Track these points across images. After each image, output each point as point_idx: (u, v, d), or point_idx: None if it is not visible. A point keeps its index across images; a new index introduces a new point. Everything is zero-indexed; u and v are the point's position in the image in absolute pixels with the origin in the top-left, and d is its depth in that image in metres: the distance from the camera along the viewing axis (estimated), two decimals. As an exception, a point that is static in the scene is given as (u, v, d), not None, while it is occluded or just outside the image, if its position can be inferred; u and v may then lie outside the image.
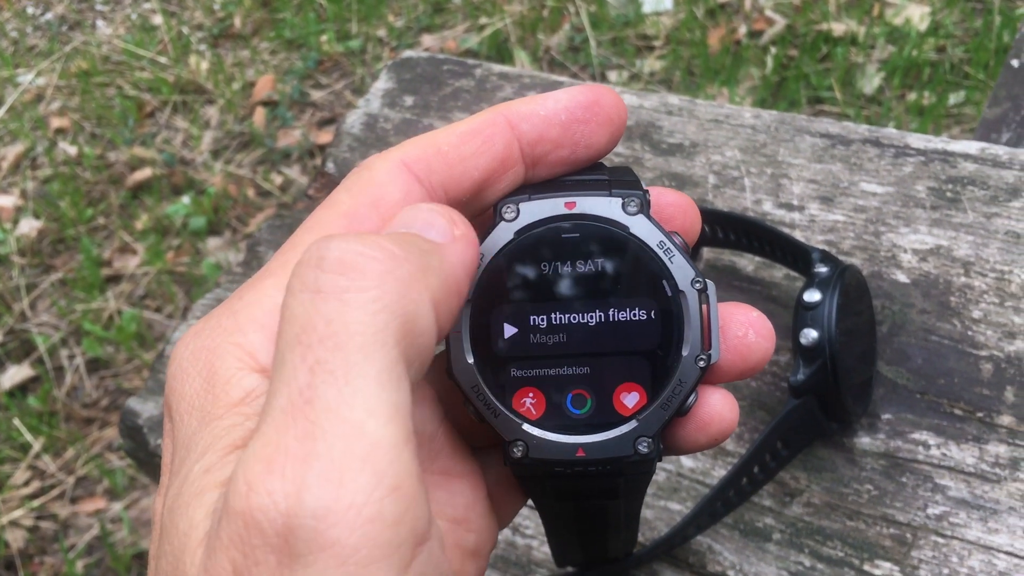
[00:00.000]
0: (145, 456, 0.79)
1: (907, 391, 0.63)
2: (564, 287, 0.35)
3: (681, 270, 0.35)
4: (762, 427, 0.64)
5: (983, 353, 0.63)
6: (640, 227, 0.35)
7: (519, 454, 0.35)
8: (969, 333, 0.64)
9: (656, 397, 0.35)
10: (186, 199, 2.11)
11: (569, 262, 0.35)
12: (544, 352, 0.35)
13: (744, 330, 0.36)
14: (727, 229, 0.68)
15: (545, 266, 0.35)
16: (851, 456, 0.62)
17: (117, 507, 1.60)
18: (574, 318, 0.35)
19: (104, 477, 1.64)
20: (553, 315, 0.35)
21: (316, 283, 0.26)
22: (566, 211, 0.35)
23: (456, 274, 0.30)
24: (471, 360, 0.35)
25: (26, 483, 1.66)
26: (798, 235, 0.72)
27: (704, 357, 0.35)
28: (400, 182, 0.33)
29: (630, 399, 0.35)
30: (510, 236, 0.35)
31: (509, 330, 0.35)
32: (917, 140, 0.75)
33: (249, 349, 0.29)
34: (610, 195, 0.35)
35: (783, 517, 0.61)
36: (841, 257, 0.69)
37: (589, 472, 0.35)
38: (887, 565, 0.58)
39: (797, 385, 0.57)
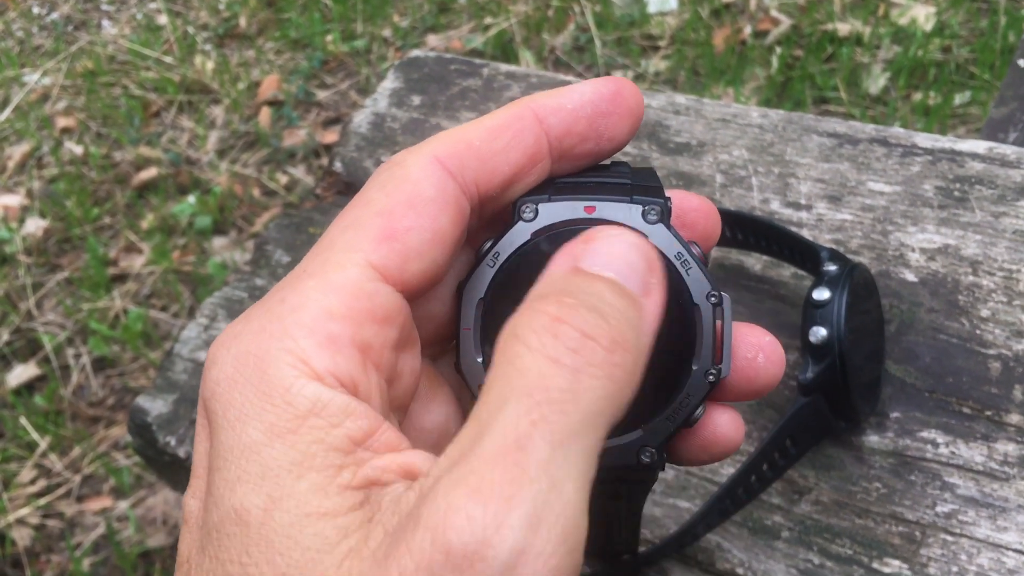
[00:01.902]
0: (154, 453, 0.79)
1: (915, 390, 0.63)
2: None
3: (697, 283, 0.35)
4: (771, 426, 0.64)
5: (991, 352, 0.63)
6: (659, 237, 0.35)
7: None
8: (977, 332, 0.64)
9: (663, 409, 0.35)
10: (192, 199, 2.11)
11: None
12: None
13: (754, 352, 0.36)
14: (735, 228, 0.69)
15: None
16: (859, 454, 0.62)
17: (123, 505, 1.61)
18: None
19: (110, 476, 1.64)
20: None
21: (556, 351, 0.27)
22: (585, 215, 0.35)
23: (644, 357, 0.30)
24: (480, 359, 0.35)
25: (32, 481, 1.67)
26: (805, 234, 0.72)
27: (714, 372, 0.35)
28: (434, 178, 0.33)
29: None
30: (527, 236, 0.35)
31: None
32: (924, 140, 0.75)
33: (301, 355, 0.29)
34: (631, 202, 0.35)
35: (792, 515, 0.61)
36: (849, 256, 0.69)
37: None
38: (896, 563, 0.58)
39: (806, 383, 0.57)
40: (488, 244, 0.35)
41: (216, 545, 0.28)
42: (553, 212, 0.35)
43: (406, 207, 0.32)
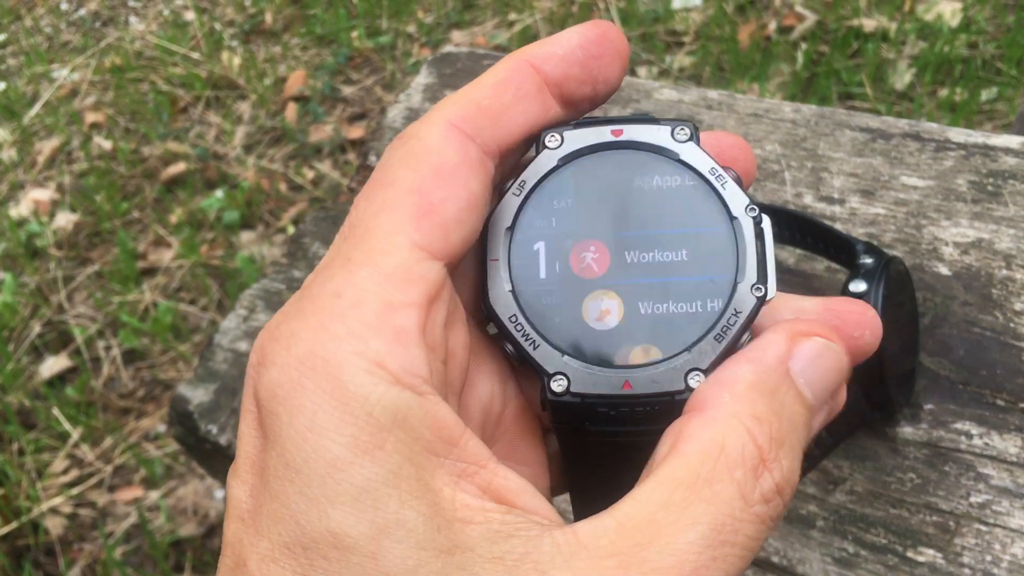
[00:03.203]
0: (195, 442, 0.81)
1: (949, 382, 0.64)
2: (609, 213, 0.33)
3: (735, 197, 0.33)
4: (805, 416, 0.65)
5: (1025, 345, 0.64)
6: (690, 154, 0.33)
7: (560, 389, 0.32)
8: (1011, 325, 0.65)
9: (710, 329, 0.32)
10: (219, 193, 2.14)
11: (615, 189, 0.34)
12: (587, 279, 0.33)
13: (861, 330, 0.35)
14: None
15: (590, 192, 0.34)
16: (894, 445, 0.63)
17: (154, 495, 1.63)
18: (619, 244, 0.33)
19: (141, 466, 1.67)
20: (598, 242, 0.33)
21: (753, 494, 0.29)
22: (612, 139, 0.34)
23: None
24: (509, 288, 0.33)
25: (65, 471, 1.69)
26: (839, 228, 0.73)
27: (760, 287, 0.33)
28: (456, 144, 0.32)
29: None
30: (554, 163, 0.34)
31: (551, 257, 0.33)
32: (957, 134, 0.76)
33: (374, 358, 0.28)
34: (659, 124, 0.34)
35: (827, 504, 0.62)
36: (884, 250, 0.70)
37: (636, 413, 0.33)
38: (930, 552, 0.58)
39: (842, 374, 0.58)
40: (512, 181, 0.34)
41: (307, 565, 0.27)
42: (579, 138, 0.34)
43: (436, 178, 0.31)
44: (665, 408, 0.32)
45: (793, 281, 0.72)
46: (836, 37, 2.13)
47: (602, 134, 0.34)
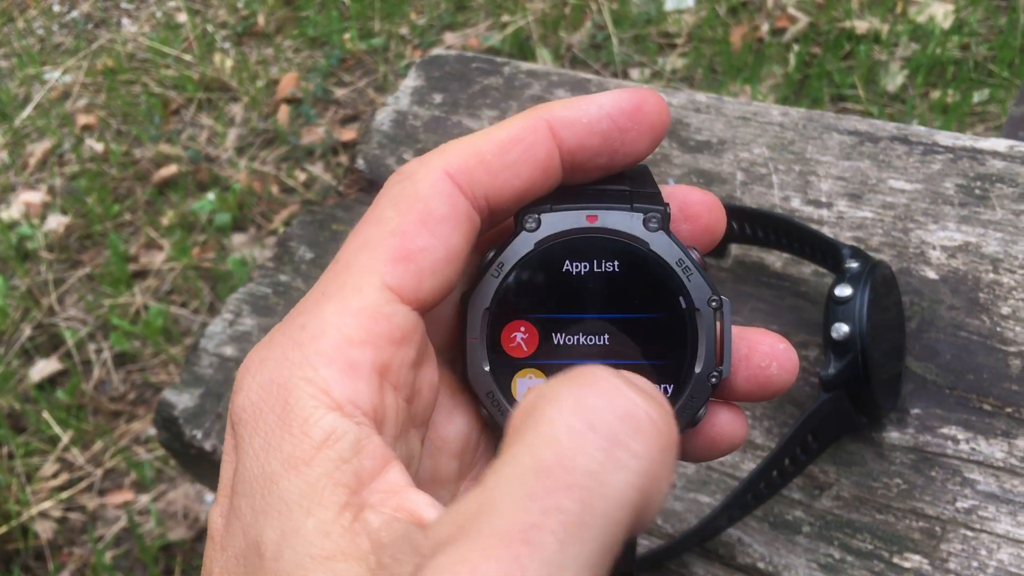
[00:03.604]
0: (180, 447, 0.80)
1: (936, 386, 0.64)
2: (582, 300, 0.36)
3: (698, 289, 0.36)
4: (791, 422, 0.65)
5: (1012, 349, 0.64)
6: (660, 244, 0.36)
7: None
8: (998, 329, 0.65)
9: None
10: (211, 195, 2.13)
11: (588, 276, 0.36)
12: (559, 362, 0.36)
13: (768, 361, 0.36)
14: (756, 226, 0.69)
15: (564, 278, 0.36)
16: (880, 450, 0.62)
17: (144, 499, 1.62)
18: (590, 330, 0.36)
19: (132, 470, 1.66)
20: (569, 326, 0.36)
21: (594, 416, 0.25)
22: (587, 224, 0.36)
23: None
24: (487, 368, 0.36)
25: (55, 475, 1.69)
26: (826, 232, 0.72)
27: (716, 373, 0.36)
28: (445, 195, 0.33)
29: None
30: (530, 247, 0.36)
31: (525, 339, 0.36)
32: (945, 137, 0.76)
33: (322, 385, 0.30)
34: (631, 210, 0.36)
35: (813, 510, 0.61)
36: (870, 253, 0.69)
37: None
38: (916, 558, 0.58)
39: (828, 379, 0.58)
40: (491, 254, 0.36)
41: (245, 572, 0.28)
42: (555, 222, 0.36)
43: (419, 226, 0.32)
44: None
45: (780, 285, 0.72)
46: (828, 39, 2.13)
47: (578, 219, 0.36)
